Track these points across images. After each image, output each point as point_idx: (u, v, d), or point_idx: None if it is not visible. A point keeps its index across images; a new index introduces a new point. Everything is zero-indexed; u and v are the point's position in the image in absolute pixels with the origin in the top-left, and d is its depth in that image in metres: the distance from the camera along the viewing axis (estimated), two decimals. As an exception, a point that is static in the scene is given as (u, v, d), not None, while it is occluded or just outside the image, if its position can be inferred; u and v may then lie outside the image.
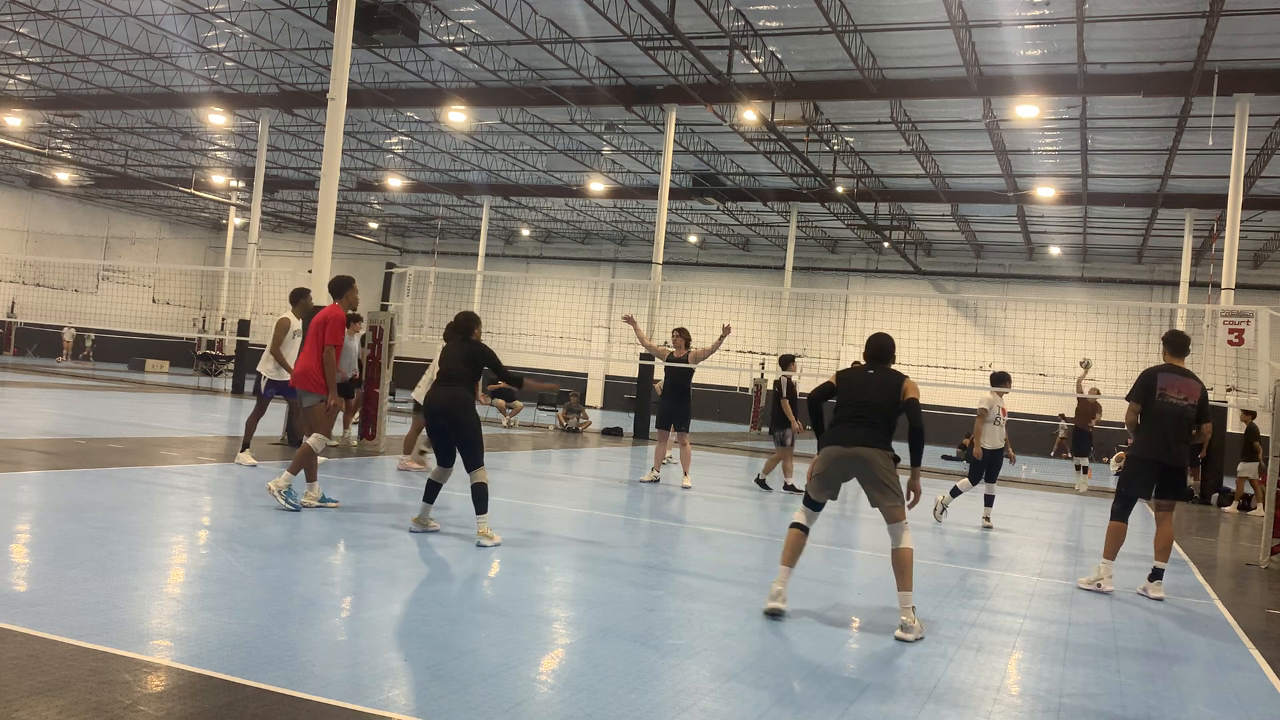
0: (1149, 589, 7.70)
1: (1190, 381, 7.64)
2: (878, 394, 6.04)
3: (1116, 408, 30.82)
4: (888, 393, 6.04)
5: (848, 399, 6.10)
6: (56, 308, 37.13)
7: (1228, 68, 17.34)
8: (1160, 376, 7.66)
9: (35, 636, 4.16)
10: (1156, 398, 7.59)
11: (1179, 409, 7.57)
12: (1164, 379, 7.64)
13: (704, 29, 17.87)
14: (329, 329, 8.31)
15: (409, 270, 22.14)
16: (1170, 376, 7.66)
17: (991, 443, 11.67)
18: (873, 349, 6.36)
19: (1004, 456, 11.81)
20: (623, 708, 4.00)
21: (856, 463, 5.90)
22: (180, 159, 35.53)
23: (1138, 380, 7.78)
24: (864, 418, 5.97)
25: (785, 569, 5.97)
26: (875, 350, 6.34)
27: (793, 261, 33.98)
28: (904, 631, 5.58)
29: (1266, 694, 5.21)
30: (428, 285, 22.30)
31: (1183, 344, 7.86)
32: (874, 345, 6.37)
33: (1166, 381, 7.62)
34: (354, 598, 5.49)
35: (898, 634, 5.60)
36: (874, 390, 6.06)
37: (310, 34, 20.86)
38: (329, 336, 8.29)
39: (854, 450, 5.89)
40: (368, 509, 8.63)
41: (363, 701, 3.77)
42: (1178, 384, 7.61)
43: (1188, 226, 27.48)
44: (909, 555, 5.76)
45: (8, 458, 9.58)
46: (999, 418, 11.73)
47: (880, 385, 6.08)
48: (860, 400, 6.03)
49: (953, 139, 23.55)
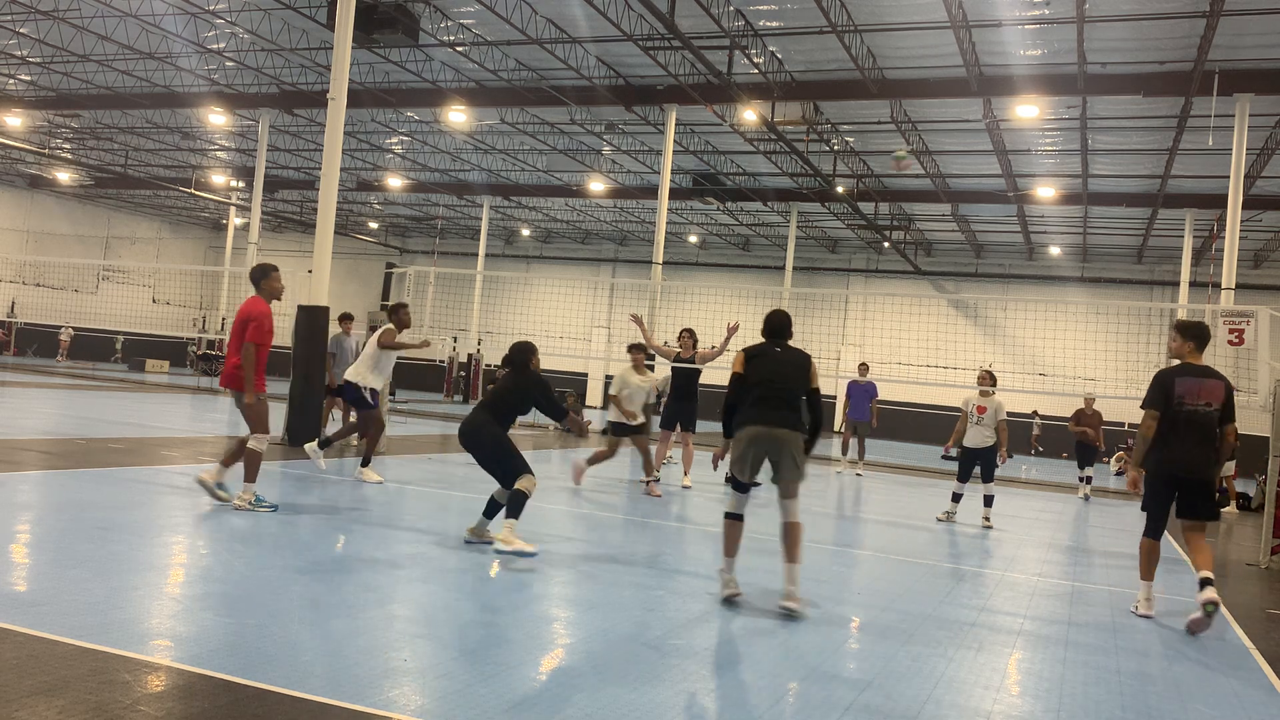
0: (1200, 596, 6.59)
1: (1211, 382, 6.79)
2: (792, 375, 6.27)
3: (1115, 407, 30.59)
4: (799, 375, 6.29)
5: (761, 378, 6.24)
6: (56, 308, 37.12)
7: (1228, 68, 17.33)
8: (1178, 381, 6.80)
9: (35, 636, 4.16)
10: (1174, 405, 6.76)
11: (1200, 416, 6.73)
12: (1182, 384, 6.79)
13: (704, 29, 17.87)
14: (251, 328, 7.93)
15: (409, 270, 22.14)
16: (1189, 381, 6.80)
17: (974, 442, 11.71)
18: (773, 326, 6.49)
19: (994, 455, 11.80)
20: (623, 708, 4.00)
21: (774, 443, 6.13)
22: (180, 159, 35.53)
23: (1153, 385, 6.89)
24: (782, 400, 6.19)
25: (730, 560, 6.20)
26: (775, 328, 6.47)
27: (793, 261, 33.97)
28: (790, 600, 5.91)
29: (1266, 694, 5.21)
30: (428, 285, 22.31)
31: (1205, 337, 6.99)
32: (773, 323, 6.50)
33: (1185, 387, 6.78)
34: (354, 598, 5.49)
35: (784, 603, 5.89)
36: (789, 369, 6.28)
37: (310, 34, 20.86)
38: (250, 334, 7.92)
39: (774, 431, 6.13)
40: (367, 509, 8.62)
41: (363, 701, 3.77)
42: (1198, 388, 6.76)
43: (1188, 226, 27.47)
44: (800, 529, 6.14)
45: (8, 458, 9.59)
46: (976, 416, 11.74)
47: (794, 366, 6.31)
48: (776, 381, 6.23)
49: (953, 139, 23.55)
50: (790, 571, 5.99)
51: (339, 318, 14.51)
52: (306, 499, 9.00)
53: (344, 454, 13.17)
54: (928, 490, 15.74)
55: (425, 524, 8.09)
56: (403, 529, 7.71)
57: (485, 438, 7.18)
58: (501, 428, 7.24)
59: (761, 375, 6.25)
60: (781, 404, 6.17)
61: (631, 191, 31.69)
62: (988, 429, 11.68)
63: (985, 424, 11.70)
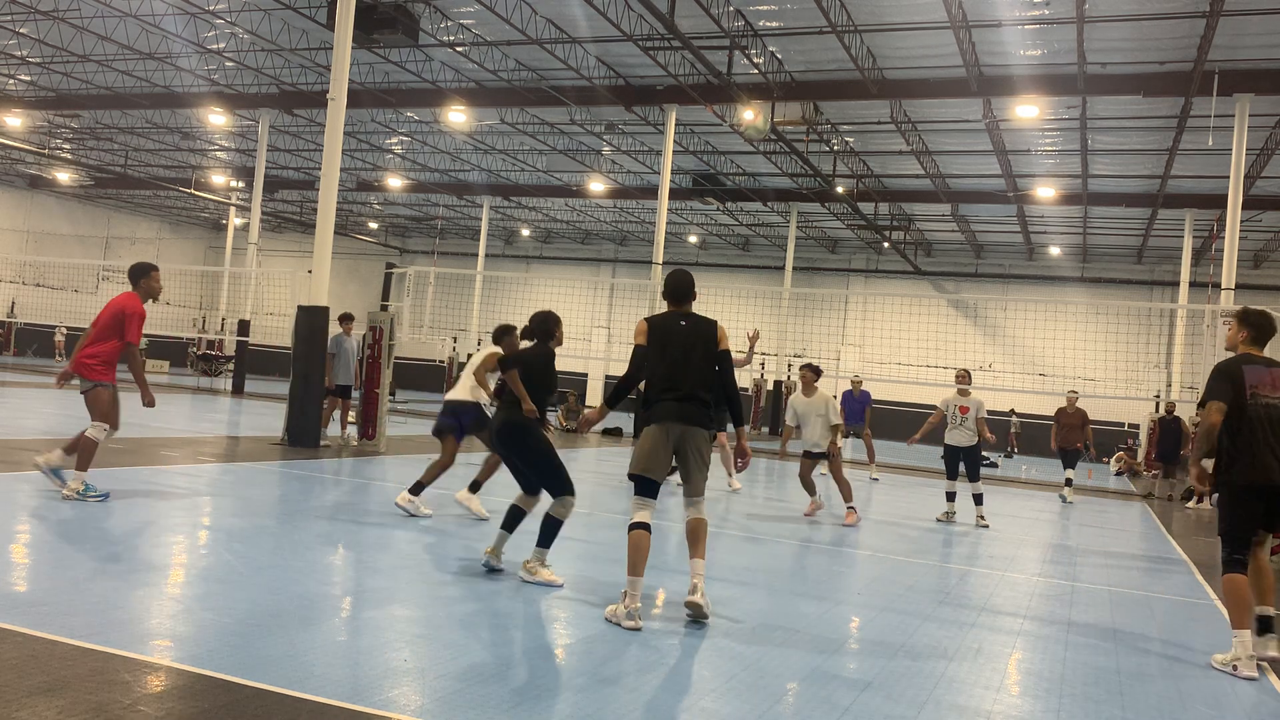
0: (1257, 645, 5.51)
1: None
2: (700, 358, 5.67)
3: (1116, 407, 30.56)
4: (708, 353, 5.70)
5: (665, 360, 5.65)
6: (56, 308, 37.11)
7: (1228, 68, 17.33)
8: (1248, 370, 5.58)
9: (35, 636, 4.16)
10: (1248, 399, 5.51)
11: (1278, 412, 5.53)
12: (1253, 373, 5.57)
13: (704, 29, 17.87)
14: (130, 326, 7.75)
15: (409, 270, 22.17)
16: (1259, 370, 5.59)
17: (957, 441, 11.76)
18: (673, 288, 5.86)
19: (978, 453, 11.84)
20: (623, 708, 4.00)
21: (682, 438, 5.63)
22: (180, 159, 35.53)
23: (1216, 375, 5.64)
24: (691, 392, 5.63)
25: (639, 580, 5.42)
26: (677, 290, 5.85)
27: (793, 261, 33.97)
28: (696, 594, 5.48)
29: (1266, 694, 5.21)
30: (428, 285, 22.31)
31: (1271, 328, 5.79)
32: (674, 284, 5.86)
33: (1256, 376, 5.55)
34: (354, 598, 5.49)
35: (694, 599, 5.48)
36: (696, 354, 5.67)
37: (310, 34, 20.86)
38: (133, 334, 7.76)
39: (684, 428, 5.62)
40: (368, 509, 8.62)
41: (363, 701, 3.77)
42: (1269, 377, 5.57)
43: (1188, 226, 27.47)
44: (704, 526, 5.69)
45: (8, 458, 9.59)
46: (960, 417, 11.75)
47: (702, 340, 5.71)
48: (681, 365, 5.63)
49: (953, 139, 23.55)
50: (696, 567, 5.59)
51: (339, 318, 14.52)
52: (306, 499, 9.01)
53: (341, 455, 13.16)
54: (927, 490, 15.75)
55: (425, 524, 8.09)
56: (403, 529, 7.70)
57: (531, 442, 6.31)
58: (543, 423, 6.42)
59: (665, 354, 5.69)
60: (691, 398, 5.66)
61: (631, 191, 31.70)
62: (970, 428, 11.70)
63: (967, 424, 11.71)
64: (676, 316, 5.81)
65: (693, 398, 5.65)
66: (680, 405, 5.64)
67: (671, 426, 5.63)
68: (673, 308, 5.89)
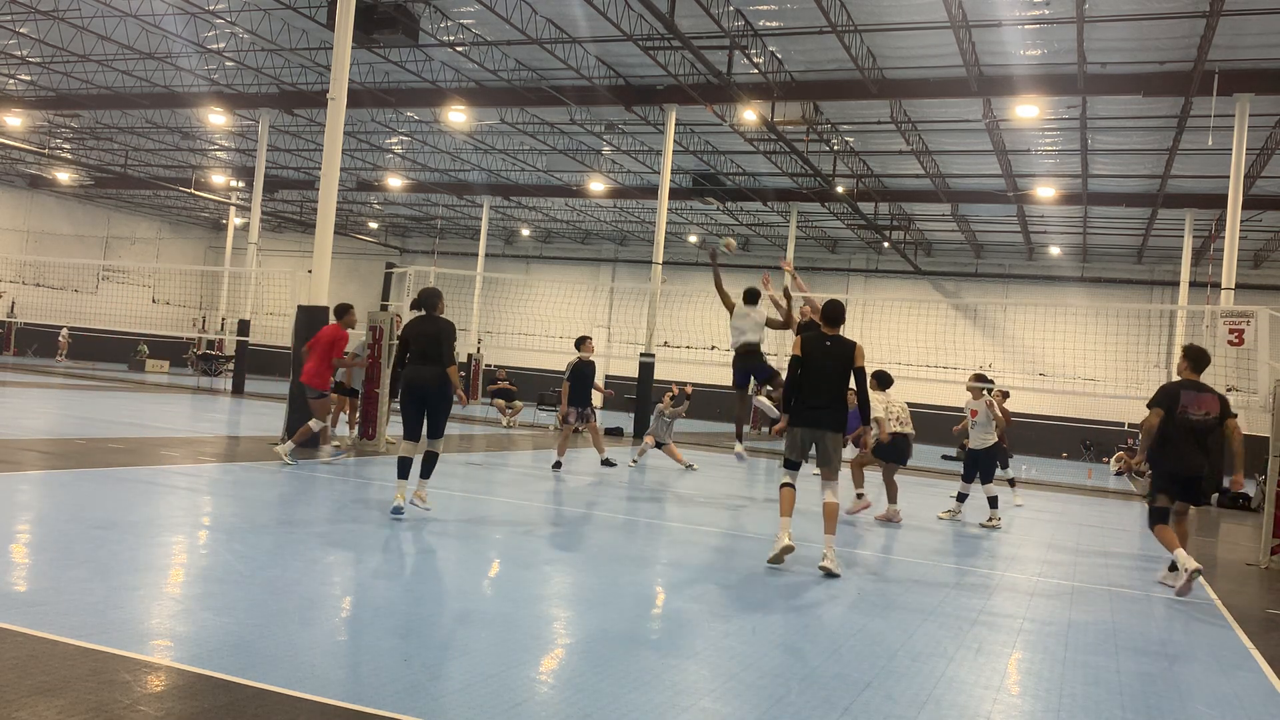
0: (1166, 578, 8.39)
1: (1208, 395, 8.01)
2: (837, 365, 7.43)
3: (1116, 406, 30.39)
4: (849, 363, 7.46)
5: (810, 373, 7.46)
6: (56, 308, 37.12)
7: (1228, 68, 17.33)
8: (1183, 393, 8.00)
9: (35, 636, 4.16)
10: (1178, 413, 7.90)
11: (1199, 425, 7.93)
12: (1185, 395, 7.98)
13: (704, 29, 17.87)
14: (338, 348, 11.62)
15: (409, 270, 22.19)
16: (1191, 393, 8.01)
17: (974, 443, 11.83)
18: (831, 314, 7.59)
19: (993, 457, 11.90)
20: (623, 708, 4.00)
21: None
22: (180, 159, 35.54)
23: (1161, 393, 8.09)
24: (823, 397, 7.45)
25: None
26: (834, 315, 7.59)
27: (793, 262, 33.94)
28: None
29: (1266, 694, 5.21)
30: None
31: (1205, 361, 8.24)
32: (832, 311, 7.61)
33: (1188, 398, 7.95)
34: (354, 598, 5.49)
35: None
36: (833, 362, 7.42)
37: (310, 34, 20.86)
38: (338, 353, 11.56)
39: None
40: (367, 509, 8.62)
41: (363, 701, 3.77)
42: (1198, 400, 7.95)
43: (1188, 226, 27.47)
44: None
45: (8, 458, 9.59)
46: (971, 419, 11.82)
47: (837, 354, 7.44)
48: (820, 377, 7.44)
49: (953, 139, 23.55)
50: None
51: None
52: (306, 499, 9.00)
53: (328, 456, 13.15)
54: (927, 490, 15.74)
55: (425, 524, 8.08)
56: (402, 528, 7.70)
57: (446, 391, 8.31)
58: None
59: (811, 368, 7.47)
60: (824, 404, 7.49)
61: (631, 191, 31.70)
62: (985, 430, 11.75)
63: (980, 425, 11.76)
64: (824, 339, 7.51)
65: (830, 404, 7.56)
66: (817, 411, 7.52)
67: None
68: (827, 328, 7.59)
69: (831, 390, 7.42)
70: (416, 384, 8.17)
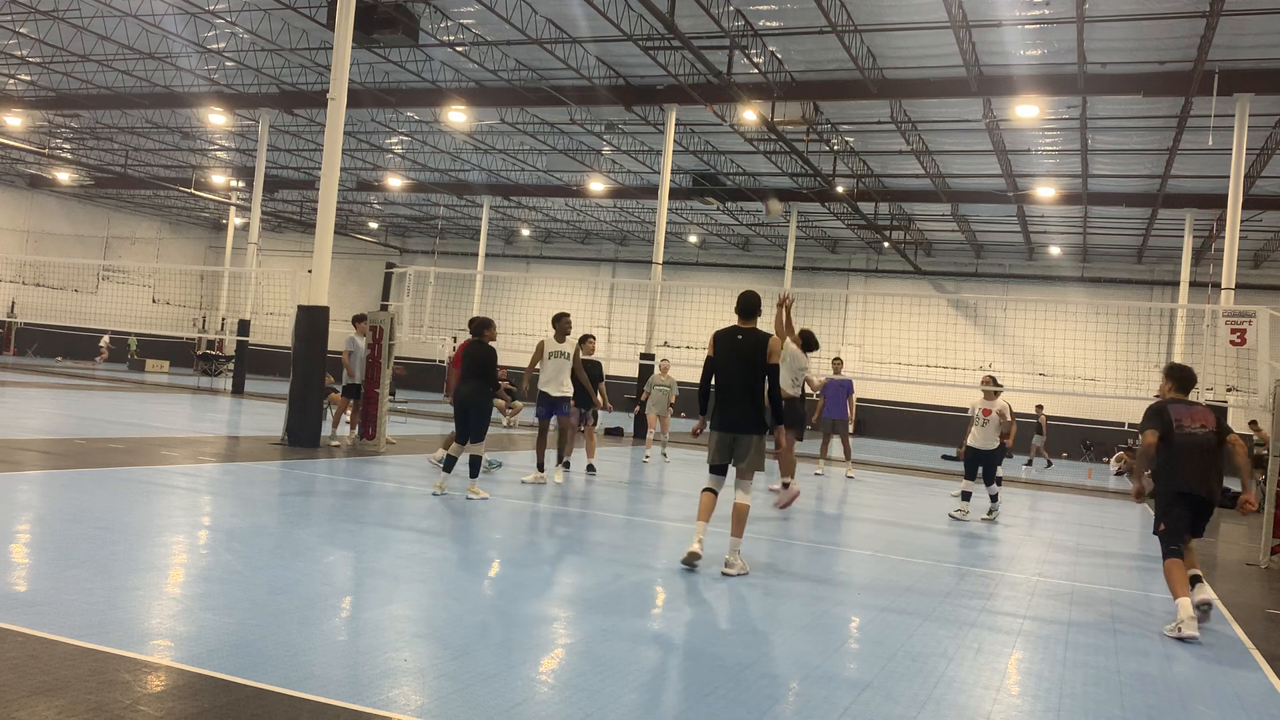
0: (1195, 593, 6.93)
1: (1200, 409, 7.26)
2: (748, 361, 7.15)
3: (1116, 406, 30.32)
4: (760, 356, 7.14)
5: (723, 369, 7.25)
6: (56, 308, 37.11)
7: (1228, 68, 17.33)
8: (1172, 409, 7.19)
9: (35, 636, 4.16)
10: (1175, 430, 7.01)
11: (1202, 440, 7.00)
12: (1175, 410, 7.17)
13: (704, 29, 17.87)
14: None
15: (409, 270, 22.17)
16: (1180, 408, 7.20)
17: (979, 443, 11.86)
18: (741, 305, 7.29)
19: (998, 458, 11.92)
20: (623, 708, 4.00)
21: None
22: (180, 159, 35.53)
23: (1150, 414, 7.20)
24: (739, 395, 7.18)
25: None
26: (744, 306, 7.28)
27: (793, 261, 33.96)
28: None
29: (1266, 694, 5.21)
30: (428, 285, 22.31)
31: (1191, 381, 7.47)
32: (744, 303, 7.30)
33: (1179, 413, 7.12)
34: (354, 598, 5.49)
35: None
36: (743, 358, 7.15)
37: (310, 34, 20.86)
38: None
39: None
40: (367, 509, 8.63)
41: (363, 701, 3.77)
42: (1190, 413, 7.11)
43: (1188, 226, 27.46)
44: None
45: (8, 458, 9.59)
46: (982, 419, 11.86)
47: (746, 349, 7.15)
48: (731, 376, 7.16)
49: (953, 139, 23.54)
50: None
51: (353, 319, 14.69)
52: (306, 499, 9.00)
53: (333, 455, 13.16)
54: (927, 490, 15.74)
55: (425, 524, 8.09)
56: (402, 529, 7.71)
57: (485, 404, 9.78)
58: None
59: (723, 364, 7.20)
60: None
61: (631, 191, 31.69)
62: (993, 431, 11.80)
63: (990, 426, 11.81)
64: (735, 331, 7.19)
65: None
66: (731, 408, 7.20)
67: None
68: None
69: (745, 388, 7.00)
70: (461, 397, 9.78)
